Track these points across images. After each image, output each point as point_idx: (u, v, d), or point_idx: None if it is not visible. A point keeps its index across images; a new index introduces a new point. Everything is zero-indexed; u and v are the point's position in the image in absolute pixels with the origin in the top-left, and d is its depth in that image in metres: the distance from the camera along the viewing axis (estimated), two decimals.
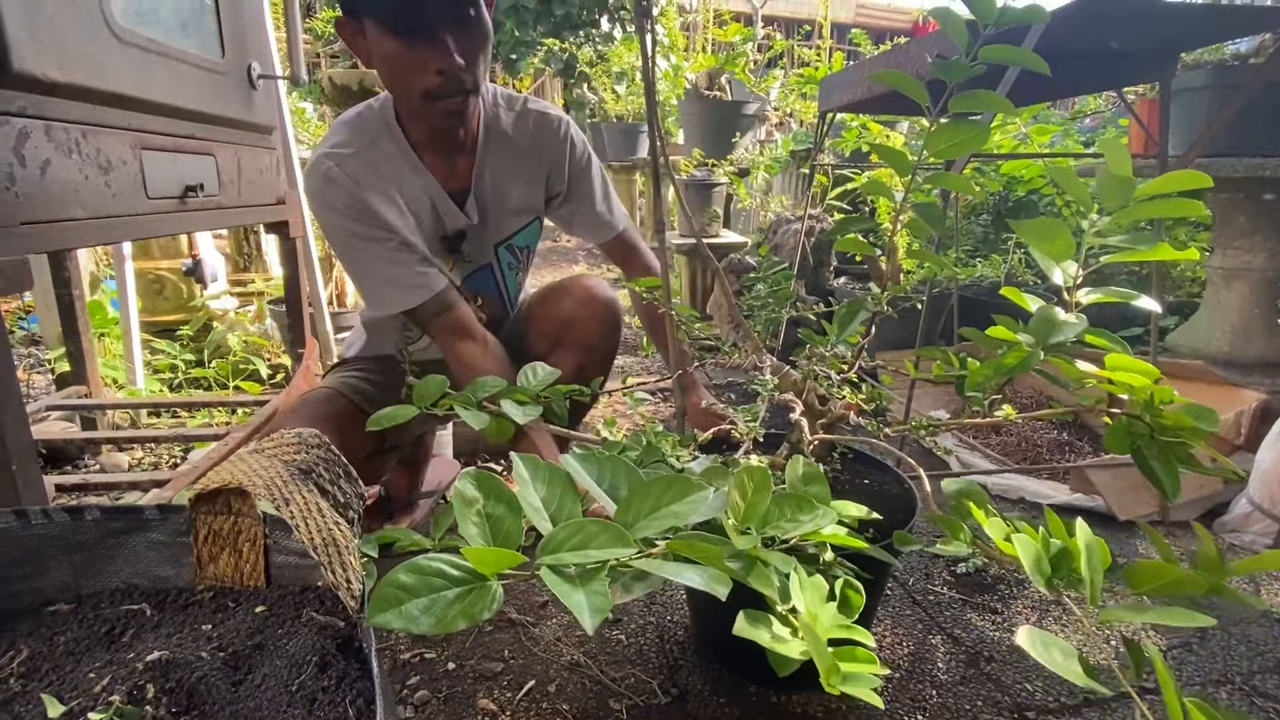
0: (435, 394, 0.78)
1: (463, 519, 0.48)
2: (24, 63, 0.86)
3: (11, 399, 0.83)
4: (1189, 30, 1.30)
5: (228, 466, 0.50)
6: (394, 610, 0.42)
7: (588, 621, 0.45)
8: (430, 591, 0.43)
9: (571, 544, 0.50)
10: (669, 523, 0.55)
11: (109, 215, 1.03)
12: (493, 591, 0.46)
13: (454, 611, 0.43)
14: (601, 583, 0.47)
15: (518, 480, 0.57)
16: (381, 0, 1.00)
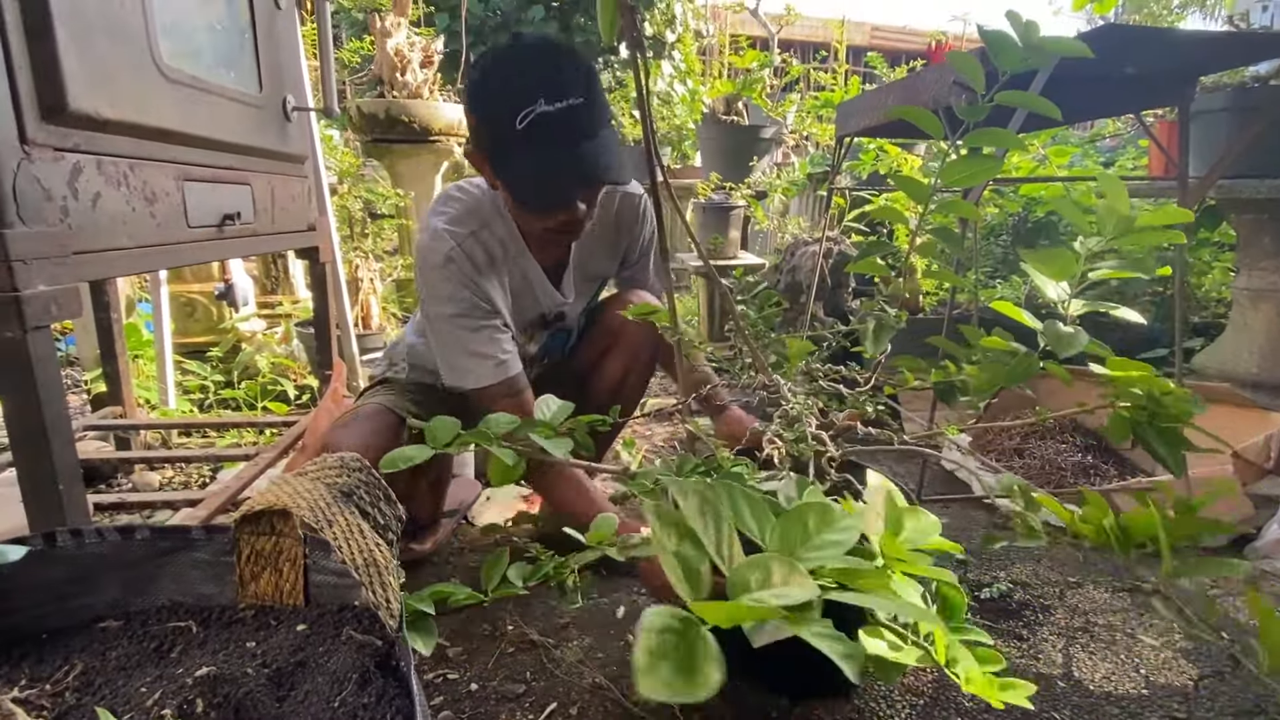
0: (448, 436, 0.80)
1: (666, 564, 0.47)
2: (79, 101, 0.91)
3: (60, 422, 0.87)
4: (1206, 55, 1.31)
5: (273, 489, 0.52)
6: (654, 676, 0.40)
7: (851, 671, 0.43)
8: (671, 651, 0.41)
9: (756, 581, 0.48)
10: (830, 552, 0.54)
11: (153, 244, 1.08)
12: (710, 642, 0.44)
13: (701, 669, 0.41)
14: (824, 625, 0.46)
15: (689, 516, 0.54)
16: (519, 186, 1.03)
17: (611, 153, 1.04)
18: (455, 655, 1.17)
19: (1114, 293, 2.49)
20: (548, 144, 0.97)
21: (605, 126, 1.04)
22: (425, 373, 1.34)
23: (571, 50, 1.02)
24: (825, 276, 2.43)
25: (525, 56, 0.99)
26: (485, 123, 1.03)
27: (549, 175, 1.00)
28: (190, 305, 2.75)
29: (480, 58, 1.04)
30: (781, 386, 1.08)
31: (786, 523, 0.56)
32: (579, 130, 0.99)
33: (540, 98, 0.95)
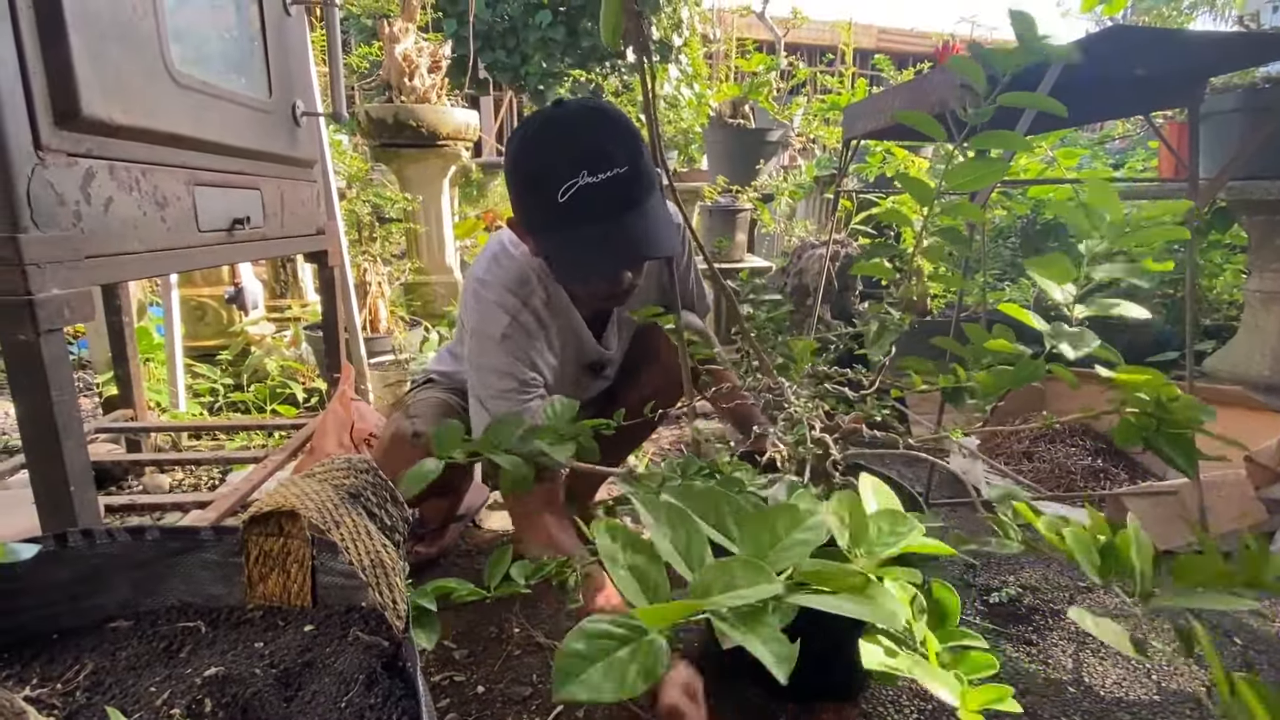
0: (453, 444, 0.80)
1: (615, 574, 0.48)
2: (92, 107, 0.92)
3: (72, 424, 0.88)
4: (1217, 56, 1.30)
5: (281, 490, 0.53)
6: (577, 682, 0.42)
7: (780, 672, 0.44)
8: (605, 655, 0.43)
9: (719, 585, 0.49)
10: (798, 553, 0.54)
11: (164, 248, 1.09)
12: (658, 646, 0.45)
13: (633, 673, 0.43)
14: (772, 627, 0.47)
15: (646, 526, 0.55)
16: (563, 262, 1.02)
17: (658, 222, 1.01)
18: (462, 658, 1.17)
19: (1124, 295, 2.47)
20: (591, 218, 0.95)
21: (652, 194, 1.00)
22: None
23: (616, 117, 0.98)
24: (832, 279, 2.43)
25: (567, 126, 0.96)
26: (527, 195, 1.01)
27: (592, 251, 0.98)
28: (200, 309, 2.77)
29: (522, 125, 1.01)
30: (785, 389, 1.07)
31: (756, 526, 0.56)
32: (623, 201, 0.96)
33: (583, 170, 0.92)
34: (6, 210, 0.82)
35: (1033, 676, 1.12)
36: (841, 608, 0.49)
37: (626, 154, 0.95)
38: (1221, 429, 0.77)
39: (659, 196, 1.04)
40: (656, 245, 1.00)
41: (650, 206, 1.00)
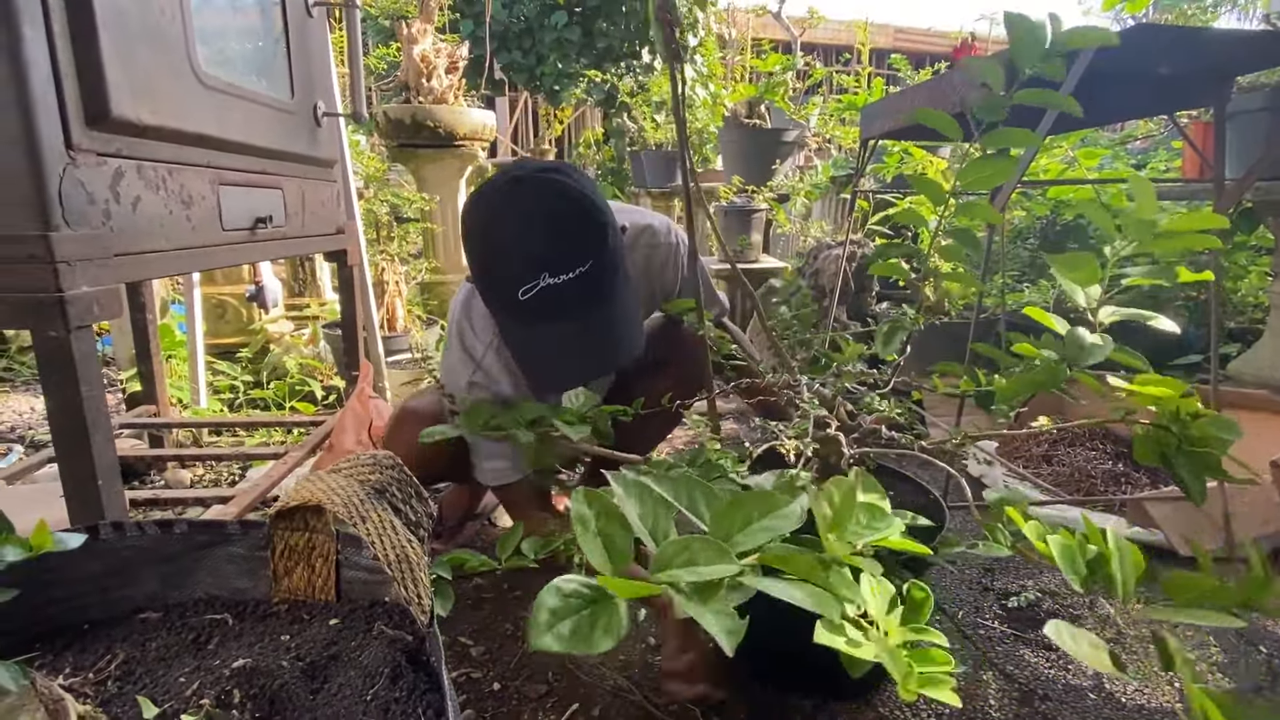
0: (481, 418, 0.81)
1: (583, 539, 0.50)
2: (121, 108, 0.94)
3: (101, 419, 0.89)
4: (1243, 55, 1.28)
5: (307, 485, 0.53)
6: (550, 633, 0.46)
7: (727, 644, 0.46)
8: (573, 613, 0.46)
9: (680, 561, 0.51)
10: (762, 537, 0.56)
11: (189, 246, 1.11)
12: (619, 609, 0.49)
13: (599, 631, 0.47)
14: (724, 603, 0.49)
15: (617, 499, 0.57)
16: (527, 364, 0.96)
17: (624, 319, 0.95)
18: (478, 655, 1.18)
19: (1147, 297, 2.44)
20: (553, 318, 0.89)
21: (616, 280, 0.94)
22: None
23: (578, 199, 0.90)
24: (849, 280, 2.41)
25: (526, 219, 0.88)
26: (486, 281, 0.95)
27: (554, 355, 0.92)
28: (221, 307, 2.81)
29: (474, 207, 0.93)
30: (804, 385, 1.07)
31: (729, 509, 0.57)
32: (587, 300, 0.90)
33: (544, 272, 0.86)
34: (39, 209, 0.84)
35: (1052, 682, 1.10)
36: (789, 594, 0.50)
37: (591, 248, 0.89)
38: (1247, 434, 0.76)
39: (627, 286, 0.98)
40: (623, 350, 0.94)
41: (617, 298, 0.94)
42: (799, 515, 0.59)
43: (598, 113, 6.13)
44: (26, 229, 0.84)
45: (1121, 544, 0.63)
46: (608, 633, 0.47)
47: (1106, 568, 0.62)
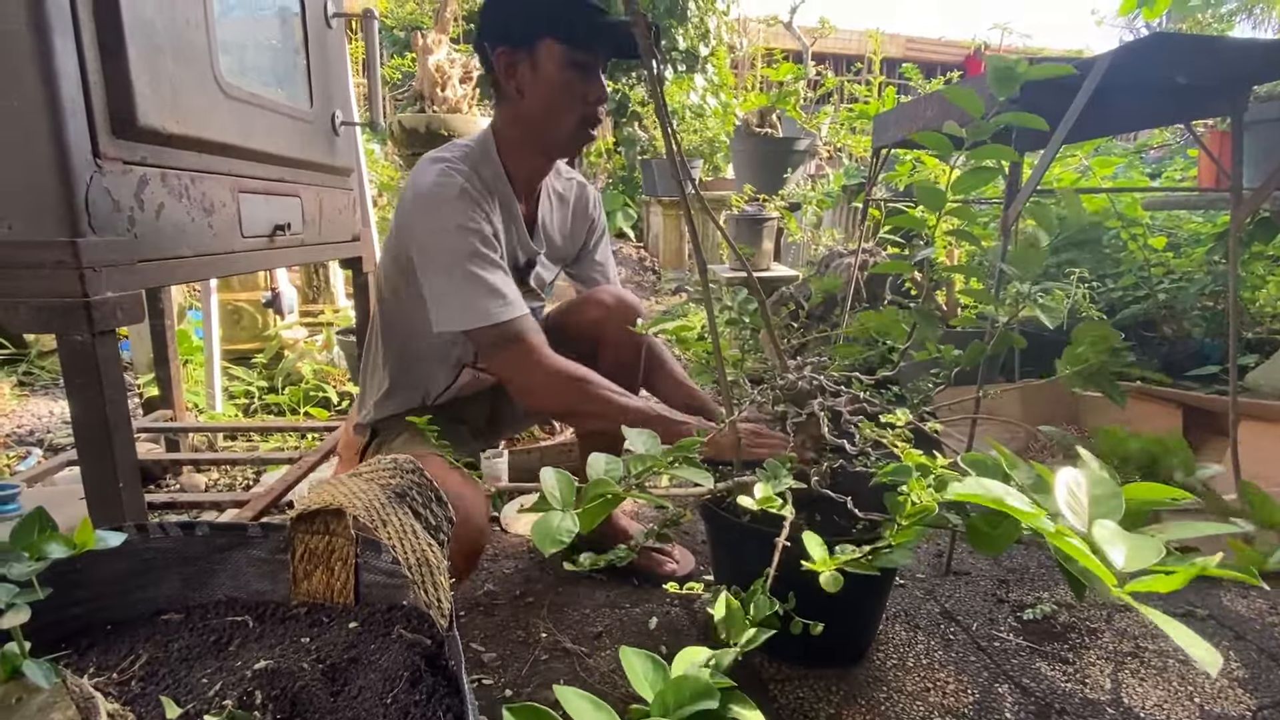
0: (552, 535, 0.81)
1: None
2: (147, 117, 0.95)
3: (122, 423, 0.91)
4: (1259, 64, 1.28)
5: (328, 488, 0.54)
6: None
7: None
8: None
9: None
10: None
11: (210, 253, 1.12)
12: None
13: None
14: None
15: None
16: (573, 27, 1.11)
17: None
18: (490, 661, 1.18)
19: (1163, 306, 2.42)
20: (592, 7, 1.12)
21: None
22: (408, 388, 1.30)
23: None
24: (860, 288, 2.41)
25: None
26: (543, 4, 1.13)
27: (603, 17, 1.12)
28: (237, 313, 2.84)
29: None
30: (793, 371, 1.10)
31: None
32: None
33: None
34: (66, 215, 0.85)
35: (1070, 696, 1.09)
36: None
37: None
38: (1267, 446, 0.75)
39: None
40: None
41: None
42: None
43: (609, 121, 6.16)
44: (54, 235, 0.85)
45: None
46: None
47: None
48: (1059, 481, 0.65)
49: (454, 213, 1.11)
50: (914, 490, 0.75)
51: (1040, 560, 1.50)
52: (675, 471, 0.87)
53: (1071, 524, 0.62)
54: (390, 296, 1.26)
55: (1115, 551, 0.57)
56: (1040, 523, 0.58)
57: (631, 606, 1.34)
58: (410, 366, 1.28)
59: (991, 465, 0.75)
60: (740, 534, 1.10)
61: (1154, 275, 2.45)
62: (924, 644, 1.22)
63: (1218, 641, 1.24)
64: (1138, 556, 0.56)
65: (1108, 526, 0.59)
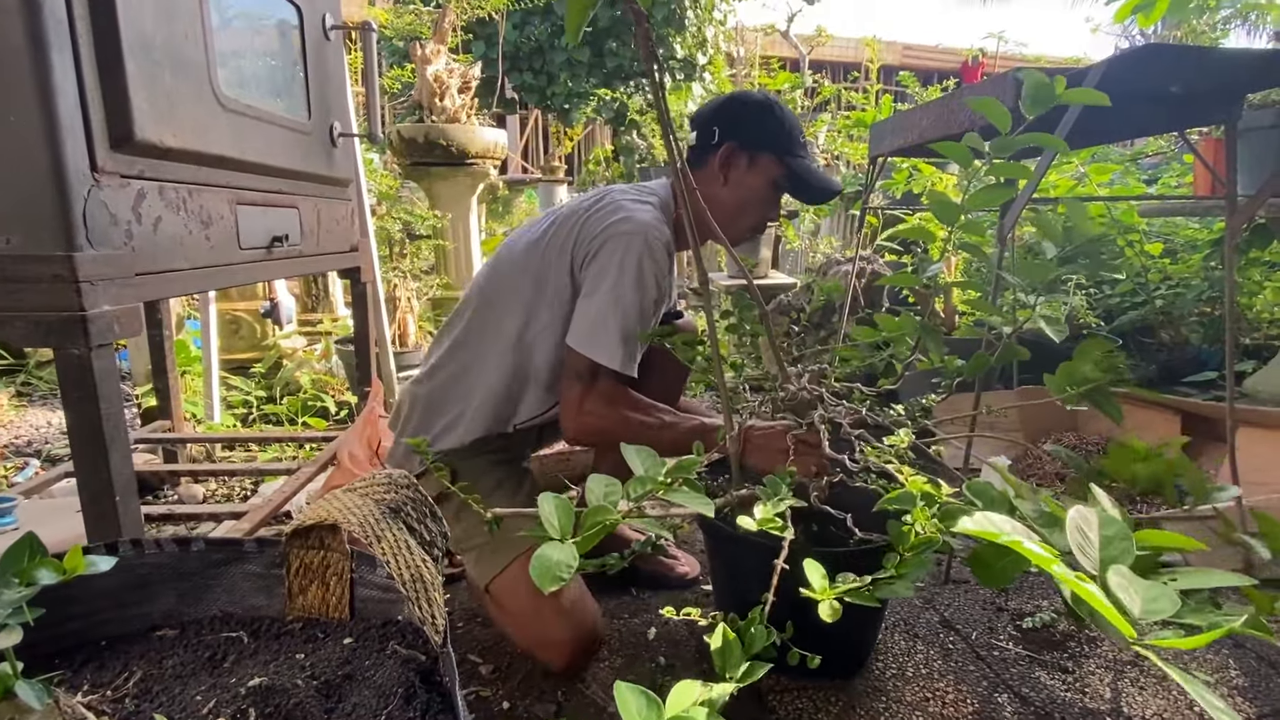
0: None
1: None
2: (145, 131, 0.96)
3: (119, 435, 0.91)
4: (1254, 73, 1.29)
5: (323, 504, 0.54)
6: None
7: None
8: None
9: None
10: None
11: (208, 265, 1.13)
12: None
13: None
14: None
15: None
16: (795, 163, 1.25)
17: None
18: (487, 673, 1.18)
19: (1160, 313, 2.42)
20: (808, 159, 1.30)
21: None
22: (498, 414, 1.26)
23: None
24: (858, 296, 2.41)
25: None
26: (785, 126, 1.27)
27: (818, 179, 1.28)
28: (235, 323, 2.84)
29: (753, 94, 1.31)
30: (794, 379, 1.10)
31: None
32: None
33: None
34: (63, 230, 0.86)
35: (1069, 705, 1.09)
36: None
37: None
38: (1265, 453, 0.75)
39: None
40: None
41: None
42: None
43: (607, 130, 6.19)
44: (51, 249, 0.86)
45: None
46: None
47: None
48: (1070, 522, 0.65)
49: (652, 265, 1.17)
50: (918, 520, 0.75)
51: (1039, 570, 1.50)
52: (674, 496, 0.86)
53: (1082, 566, 0.62)
54: (509, 314, 1.23)
55: (1130, 599, 0.57)
56: (1056, 569, 0.58)
57: (630, 618, 1.34)
58: (519, 389, 1.26)
59: (998, 497, 0.75)
60: (738, 545, 1.10)
61: (1151, 282, 2.45)
62: (923, 653, 1.22)
63: (1218, 650, 1.23)
64: (1154, 606, 0.56)
65: (1122, 572, 0.59)
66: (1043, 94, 0.87)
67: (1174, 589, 0.57)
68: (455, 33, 3.40)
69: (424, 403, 1.27)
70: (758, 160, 1.26)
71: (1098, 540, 0.64)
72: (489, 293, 1.26)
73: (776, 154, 1.26)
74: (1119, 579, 0.58)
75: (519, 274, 1.23)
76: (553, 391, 1.25)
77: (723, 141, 1.25)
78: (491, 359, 1.24)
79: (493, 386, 1.23)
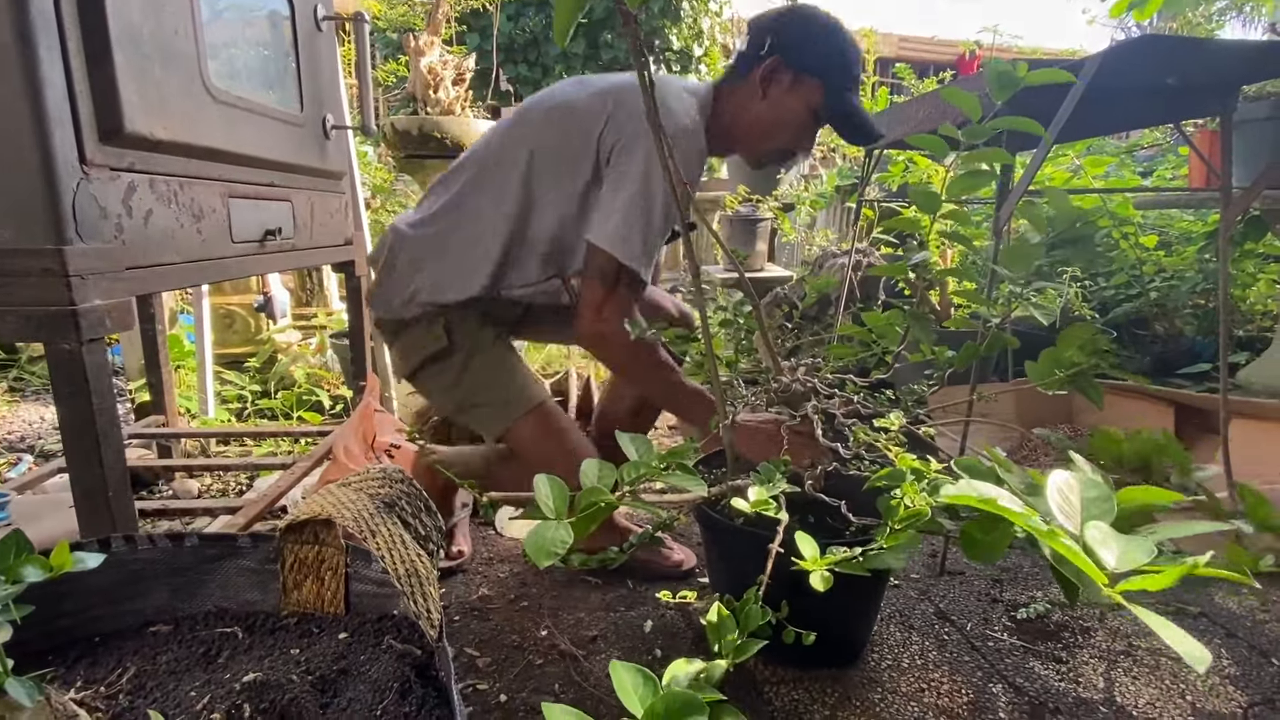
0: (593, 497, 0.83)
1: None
2: (134, 124, 0.95)
3: (111, 430, 0.90)
4: (1250, 65, 1.29)
5: (318, 499, 0.54)
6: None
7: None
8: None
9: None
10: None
11: (199, 259, 1.12)
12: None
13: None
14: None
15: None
16: (842, 95, 1.19)
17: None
18: (484, 665, 1.18)
19: (1154, 304, 2.43)
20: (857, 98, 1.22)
21: None
22: (496, 275, 1.24)
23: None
24: (854, 289, 2.41)
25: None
26: (842, 58, 1.21)
27: (866, 118, 1.22)
28: (229, 317, 2.82)
29: (820, 13, 1.23)
30: (787, 372, 1.10)
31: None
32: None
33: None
34: (53, 223, 0.85)
35: (1063, 695, 1.09)
36: None
37: None
38: (1260, 444, 0.76)
39: None
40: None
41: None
42: None
43: None
44: (41, 243, 0.85)
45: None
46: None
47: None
48: (1051, 484, 0.65)
49: (683, 165, 1.09)
50: (907, 494, 0.75)
51: (1034, 560, 1.50)
52: (669, 479, 0.87)
53: (1064, 526, 0.62)
54: (516, 176, 1.21)
55: (1107, 552, 0.57)
56: (1032, 523, 0.58)
57: (627, 610, 1.34)
58: (517, 252, 1.24)
59: (985, 470, 0.76)
60: (734, 536, 1.10)
61: (1146, 274, 2.46)
62: (919, 644, 1.22)
63: (1209, 639, 1.24)
64: (1129, 557, 0.56)
65: (1100, 528, 0.59)
66: (1006, 79, 0.90)
67: (1151, 540, 0.57)
68: (449, 24, 3.38)
69: (412, 250, 1.27)
70: (802, 82, 1.20)
71: (1079, 503, 0.65)
72: (498, 151, 1.24)
73: (824, 80, 1.19)
74: (1096, 533, 0.59)
75: (535, 137, 1.21)
76: (549, 264, 1.25)
77: (771, 54, 1.20)
78: (492, 219, 1.22)
79: (488, 247, 1.23)
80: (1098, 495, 0.63)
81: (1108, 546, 0.56)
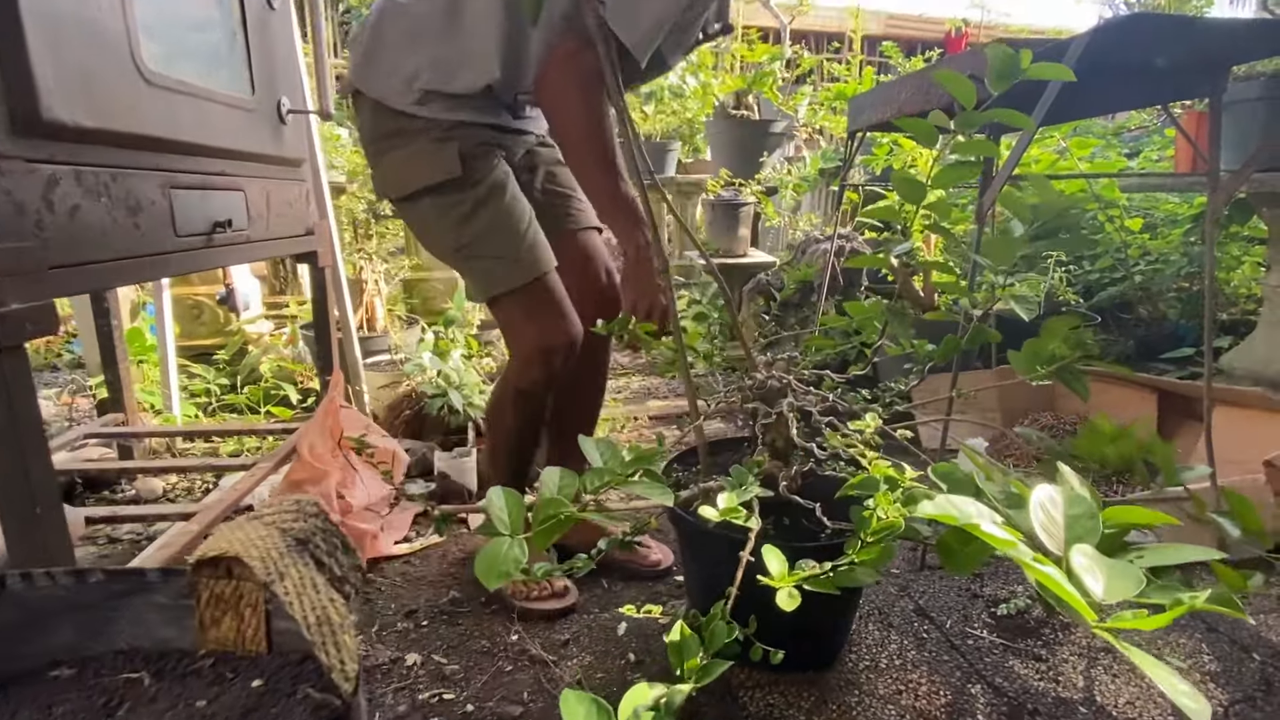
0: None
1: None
2: (53, 111, 0.88)
3: (36, 444, 0.84)
4: (1238, 46, 1.24)
5: (225, 534, 0.49)
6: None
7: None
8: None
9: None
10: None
11: (138, 255, 1.05)
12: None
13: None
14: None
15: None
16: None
17: None
18: (451, 673, 1.14)
19: (1140, 288, 2.41)
20: None
21: None
22: (502, 74, 1.11)
23: None
24: (837, 275, 2.36)
25: None
26: None
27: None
28: (197, 308, 2.74)
29: None
30: (762, 368, 1.07)
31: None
32: None
33: None
34: None
35: (1042, 695, 1.07)
36: None
37: None
38: (1241, 432, 0.72)
39: None
40: None
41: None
42: None
43: None
44: None
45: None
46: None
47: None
48: (1034, 501, 0.61)
49: None
50: (880, 505, 0.71)
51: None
52: (634, 487, 0.82)
53: (1046, 547, 0.58)
54: None
55: (1094, 580, 0.53)
56: (1015, 552, 0.54)
57: (600, 612, 1.31)
58: (514, 40, 1.11)
59: (963, 479, 0.72)
60: (705, 537, 1.07)
61: (1131, 257, 2.43)
62: (897, 644, 1.20)
63: (1190, 634, 1.22)
64: (1117, 586, 0.52)
65: (1085, 552, 0.55)
66: (1008, 68, 0.82)
67: (1140, 567, 0.54)
68: None
69: (409, 22, 1.13)
70: None
71: (1063, 520, 0.61)
72: None
73: None
74: (1083, 559, 0.55)
75: None
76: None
77: None
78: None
79: (488, 33, 1.10)
80: (1082, 512, 0.60)
81: (1094, 574, 0.52)
